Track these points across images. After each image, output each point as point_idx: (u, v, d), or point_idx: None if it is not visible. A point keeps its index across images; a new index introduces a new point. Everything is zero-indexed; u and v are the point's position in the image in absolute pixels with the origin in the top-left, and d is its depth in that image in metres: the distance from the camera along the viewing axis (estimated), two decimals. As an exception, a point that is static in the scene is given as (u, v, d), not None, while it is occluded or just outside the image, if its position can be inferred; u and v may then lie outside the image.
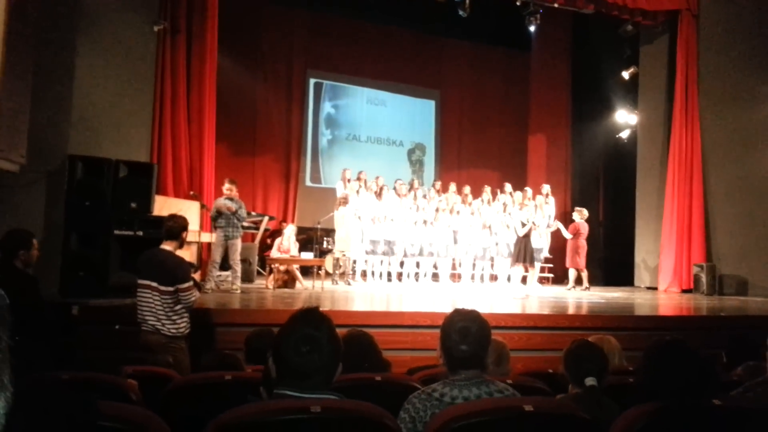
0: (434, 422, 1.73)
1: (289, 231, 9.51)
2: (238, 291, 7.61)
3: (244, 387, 2.31)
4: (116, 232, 6.51)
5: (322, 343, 1.74)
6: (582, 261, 10.51)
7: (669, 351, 1.98)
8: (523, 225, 9.17)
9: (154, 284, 4.19)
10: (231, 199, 7.56)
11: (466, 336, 2.15)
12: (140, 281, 4.29)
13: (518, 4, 10.84)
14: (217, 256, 7.59)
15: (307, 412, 1.56)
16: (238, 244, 7.67)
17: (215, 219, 7.54)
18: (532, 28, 11.30)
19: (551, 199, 11.62)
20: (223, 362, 3.00)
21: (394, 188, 11.03)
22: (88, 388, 1.95)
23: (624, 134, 13.18)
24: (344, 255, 9.82)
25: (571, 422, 1.75)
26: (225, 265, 8.11)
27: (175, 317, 4.22)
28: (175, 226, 4.35)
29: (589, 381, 2.51)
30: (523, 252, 9.13)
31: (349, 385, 2.31)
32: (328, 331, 1.78)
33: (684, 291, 10.66)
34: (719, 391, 1.98)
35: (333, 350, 1.77)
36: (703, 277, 10.26)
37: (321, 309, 1.89)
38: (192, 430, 1.79)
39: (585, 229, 10.58)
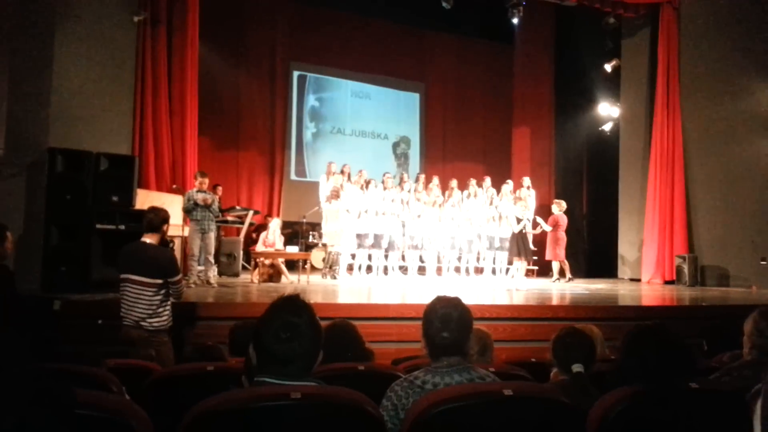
0: (414, 408, 1.73)
1: (275, 225, 9.48)
2: (215, 285, 7.55)
3: (226, 377, 2.29)
4: (98, 226, 6.45)
5: (303, 329, 1.74)
6: (562, 252, 10.58)
7: (648, 335, 2.00)
8: (519, 221, 9.23)
9: (139, 278, 4.15)
10: (203, 191, 7.46)
11: (448, 323, 2.15)
12: (123, 275, 4.25)
13: (501, -5, 10.87)
14: (195, 249, 7.51)
15: (287, 398, 1.55)
16: (213, 237, 7.60)
17: (190, 211, 7.45)
18: (515, 21, 11.34)
19: (532, 192, 11.68)
20: (205, 354, 2.98)
21: (383, 182, 10.99)
22: (66, 378, 1.93)
23: (607, 127, 13.29)
24: (333, 249, 9.80)
25: (551, 406, 1.76)
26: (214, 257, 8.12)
27: (159, 310, 4.19)
28: (156, 219, 4.31)
29: (576, 368, 2.53)
30: (522, 247, 9.21)
31: (332, 374, 2.31)
32: (308, 318, 1.78)
33: (666, 282, 10.79)
34: (698, 375, 2.01)
35: (313, 337, 1.77)
36: (685, 268, 10.37)
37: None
38: (174, 421, 1.78)
39: (564, 220, 10.65)
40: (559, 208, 10.72)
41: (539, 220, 10.87)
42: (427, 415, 1.65)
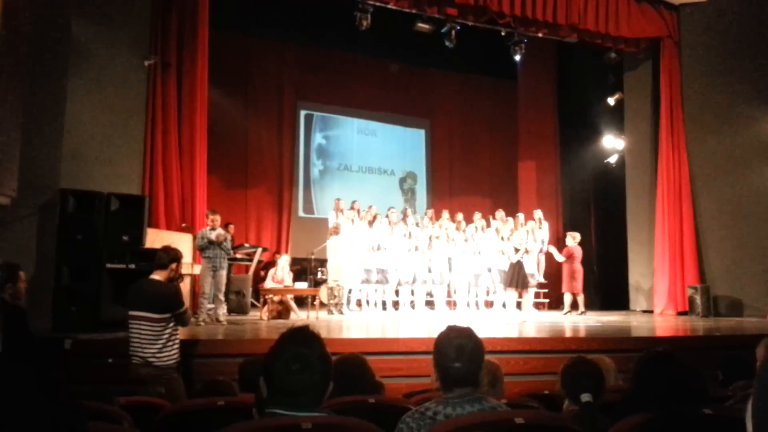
0: (426, 438, 1.72)
1: (283, 261, 9.49)
2: (225, 323, 7.55)
3: (237, 412, 2.28)
4: (108, 265, 6.49)
5: (313, 361, 1.74)
6: (579, 285, 10.51)
7: (658, 361, 1.99)
8: (516, 251, 9.20)
9: (145, 314, 4.19)
10: (214, 229, 7.57)
11: (461, 354, 2.14)
12: (131, 313, 4.31)
13: (503, 34, 11.07)
14: (207, 287, 7.54)
15: (299, 429, 1.55)
16: (224, 275, 7.66)
17: (203, 249, 7.51)
18: (517, 58, 11.52)
19: (545, 224, 11.67)
20: (215, 389, 2.98)
21: (387, 217, 11.06)
22: (79, 410, 1.93)
23: (612, 159, 13.34)
24: (338, 284, 9.79)
25: (562, 434, 1.75)
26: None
27: (168, 344, 4.22)
28: (165, 257, 4.42)
29: (585, 397, 2.50)
30: (516, 277, 9.15)
31: (342, 407, 2.30)
32: (318, 349, 1.78)
33: (680, 313, 10.66)
34: (711, 402, 1.99)
35: (324, 368, 1.77)
36: (698, 299, 10.26)
37: None
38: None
39: (579, 252, 10.61)
40: (573, 240, 10.69)
41: (552, 250, 10.84)
42: (439, 444, 1.64)
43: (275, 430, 1.56)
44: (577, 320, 9.46)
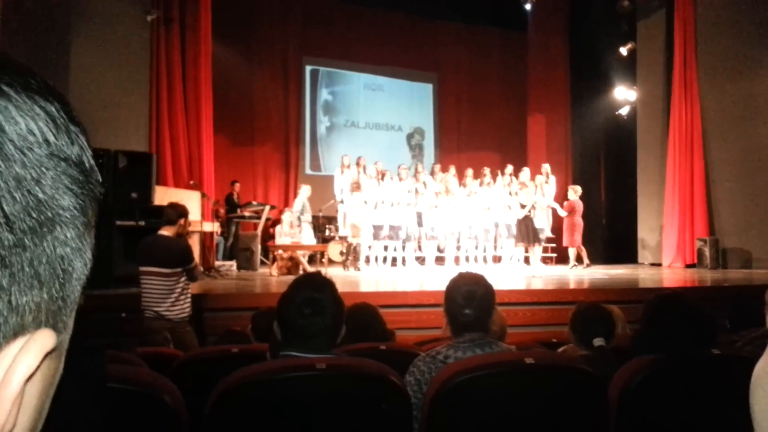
0: (437, 379, 1.75)
1: (287, 217, 9.52)
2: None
3: (251, 360, 2.33)
4: (118, 222, 6.54)
5: (325, 305, 1.77)
6: (579, 238, 10.48)
7: (667, 304, 2.00)
8: (523, 206, 9.17)
9: (157, 269, 4.25)
10: None
11: (471, 300, 2.15)
12: (142, 269, 4.36)
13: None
14: None
15: (313, 369, 1.58)
16: None
17: None
18: (528, 7, 11.26)
19: (552, 179, 11.58)
20: (231, 339, 3.03)
21: (398, 173, 11.00)
22: (98, 353, 1.98)
23: (623, 111, 13.15)
24: (358, 242, 9.84)
25: (571, 374, 1.77)
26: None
27: (181, 298, 4.29)
28: (172, 213, 4.47)
29: (598, 341, 2.50)
30: (525, 232, 9.15)
31: (354, 353, 2.33)
32: (330, 293, 1.81)
33: (688, 266, 10.66)
34: (718, 343, 2.00)
35: (336, 312, 1.80)
36: (707, 251, 10.24)
37: None
38: (202, 401, 1.81)
39: (580, 206, 10.52)
40: (574, 193, 10.63)
41: (555, 205, 10.79)
42: (449, 384, 1.67)
43: (291, 370, 1.59)
44: (582, 273, 9.50)
